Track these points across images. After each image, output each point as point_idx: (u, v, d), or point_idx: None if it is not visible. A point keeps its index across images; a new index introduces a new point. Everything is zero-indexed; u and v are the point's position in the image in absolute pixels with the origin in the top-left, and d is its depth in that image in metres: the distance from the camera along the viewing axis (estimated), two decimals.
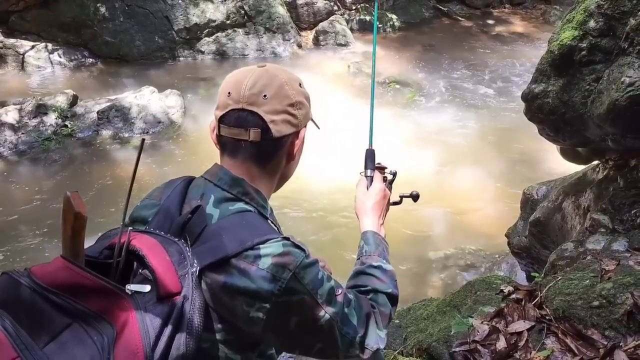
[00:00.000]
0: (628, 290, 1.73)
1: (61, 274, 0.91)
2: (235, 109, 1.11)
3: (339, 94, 7.30)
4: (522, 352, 1.80)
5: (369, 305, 1.20)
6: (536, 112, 2.47)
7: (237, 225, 1.05)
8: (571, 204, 2.76)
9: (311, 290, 1.04)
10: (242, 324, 1.02)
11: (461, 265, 4.22)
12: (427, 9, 10.82)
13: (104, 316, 0.89)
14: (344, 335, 1.10)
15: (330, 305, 1.08)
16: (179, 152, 6.07)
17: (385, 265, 1.34)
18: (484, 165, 5.56)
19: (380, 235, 1.42)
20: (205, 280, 1.01)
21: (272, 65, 1.22)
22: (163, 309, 0.90)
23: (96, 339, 0.86)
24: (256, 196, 1.14)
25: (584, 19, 2.18)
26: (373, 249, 1.37)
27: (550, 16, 10.54)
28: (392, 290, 1.28)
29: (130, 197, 1.04)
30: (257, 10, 9.03)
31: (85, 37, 8.43)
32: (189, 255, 0.99)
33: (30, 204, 5.10)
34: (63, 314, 0.89)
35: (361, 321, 1.15)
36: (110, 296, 0.90)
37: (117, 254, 0.97)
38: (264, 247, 1.02)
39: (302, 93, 1.19)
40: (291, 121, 1.15)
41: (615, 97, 1.98)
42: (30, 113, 6.19)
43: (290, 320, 1.04)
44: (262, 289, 0.99)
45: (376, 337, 1.17)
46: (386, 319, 1.22)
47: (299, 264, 1.03)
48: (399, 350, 2.23)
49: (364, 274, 1.31)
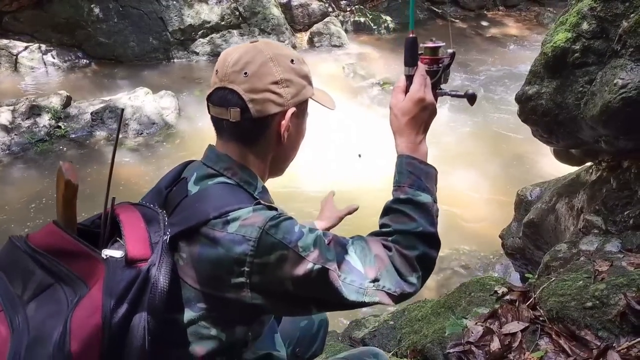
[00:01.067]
0: (621, 291, 1.73)
1: (50, 238, 0.99)
2: (219, 87, 1.09)
3: (334, 95, 7.27)
4: (516, 353, 1.80)
5: (381, 247, 1.05)
6: (530, 113, 2.48)
7: (211, 194, 1.04)
8: (565, 205, 2.77)
9: (289, 243, 0.97)
10: (227, 292, 0.99)
11: (455, 266, 4.22)
12: (422, 10, 10.83)
13: (82, 278, 0.94)
14: (348, 284, 0.99)
15: (321, 254, 0.99)
16: (174, 153, 6.05)
17: (418, 196, 1.10)
18: (478, 167, 5.58)
19: (417, 158, 1.14)
20: (180, 255, 1.01)
21: (264, 40, 1.16)
22: (130, 273, 0.93)
23: (70, 298, 0.92)
24: (240, 171, 1.10)
25: (577, 21, 2.19)
26: (404, 178, 1.13)
27: (544, 18, 10.59)
28: (422, 228, 1.06)
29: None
30: (251, 12, 9.02)
31: (79, 38, 8.39)
32: (165, 224, 1.01)
33: (23, 205, 5.07)
34: (48, 275, 0.95)
35: (369, 265, 1.01)
36: (88, 259, 0.96)
37: (103, 223, 1.03)
38: (233, 213, 0.99)
39: (292, 70, 1.11)
40: (275, 100, 1.08)
41: (608, 99, 1.99)
42: (23, 114, 6.16)
43: (276, 280, 0.98)
44: (234, 252, 0.96)
45: (396, 281, 1.02)
46: (411, 263, 1.04)
47: (268, 220, 0.98)
48: (393, 351, 2.24)
49: (389, 212, 1.12)
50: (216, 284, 0.99)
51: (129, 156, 5.92)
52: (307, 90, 1.16)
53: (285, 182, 3.47)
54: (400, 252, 1.04)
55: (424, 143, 1.18)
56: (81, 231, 1.03)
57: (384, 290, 1.01)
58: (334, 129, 5.66)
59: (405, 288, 1.03)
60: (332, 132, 5.61)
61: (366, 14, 10.42)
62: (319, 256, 0.99)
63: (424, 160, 1.16)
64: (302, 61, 1.16)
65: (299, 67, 1.14)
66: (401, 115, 1.17)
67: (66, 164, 0.97)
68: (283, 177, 1.24)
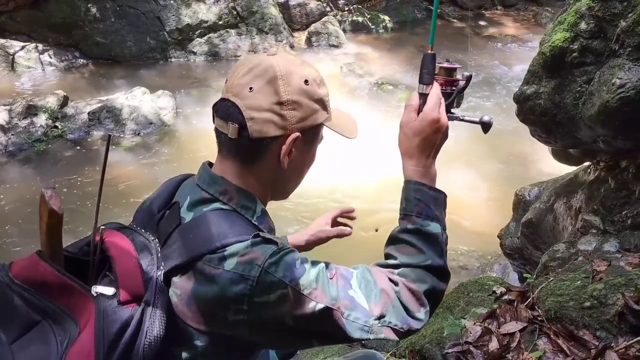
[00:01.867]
0: (619, 291, 1.73)
1: (33, 270, 0.92)
2: (224, 98, 1.01)
3: (332, 95, 7.28)
4: (515, 353, 1.80)
5: (387, 280, 0.99)
6: (528, 113, 2.48)
7: (206, 225, 0.96)
8: (563, 205, 2.77)
9: (290, 282, 0.91)
10: (225, 329, 0.94)
11: (454, 266, 4.22)
12: (420, 10, 10.85)
13: (71, 315, 0.88)
14: (352, 321, 0.94)
15: (323, 292, 0.93)
16: (171, 154, 6.03)
17: (427, 227, 1.04)
18: (476, 167, 5.58)
19: (426, 184, 1.08)
20: (174, 291, 0.95)
21: (284, 54, 1.05)
22: (123, 314, 0.87)
23: (60, 339, 0.86)
24: (237, 195, 1.02)
25: (575, 20, 2.19)
26: (412, 207, 1.06)
27: (542, 18, 10.60)
28: (431, 261, 1.01)
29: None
30: (249, 11, 9.01)
31: (76, 38, 8.37)
32: (158, 256, 0.95)
33: (20, 205, 5.05)
34: (34, 311, 0.89)
35: (374, 301, 0.96)
36: (77, 295, 0.89)
37: (92, 253, 0.96)
38: (229, 248, 0.92)
39: (303, 92, 1.01)
40: (276, 122, 0.99)
41: (606, 98, 1.99)
42: (20, 114, 6.13)
43: (277, 318, 0.92)
44: (231, 291, 0.90)
45: (403, 317, 0.97)
46: (419, 298, 0.99)
47: (268, 256, 0.91)
48: (391, 352, 2.23)
49: (395, 242, 1.05)
50: (213, 321, 0.93)
51: (126, 156, 5.91)
52: (318, 115, 1.05)
53: None
54: (408, 286, 0.99)
55: (433, 167, 1.11)
56: (68, 259, 0.96)
57: (390, 326, 0.96)
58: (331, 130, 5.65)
59: (412, 324, 0.98)
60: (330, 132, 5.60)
61: (364, 14, 10.42)
62: (321, 294, 0.93)
63: (432, 185, 1.10)
64: (319, 82, 1.05)
65: (313, 89, 1.03)
66: (412, 135, 1.09)
67: (49, 190, 0.89)
68: None
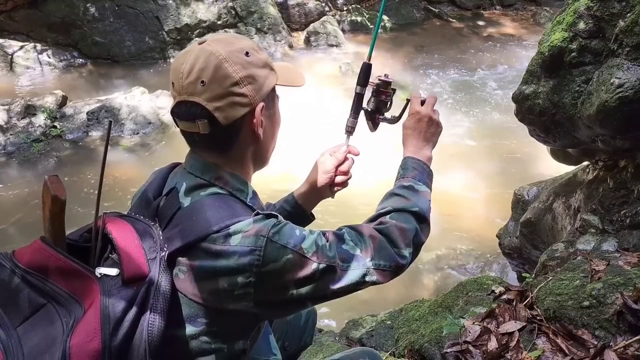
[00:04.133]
0: (618, 290, 1.74)
1: (37, 255, 0.94)
2: (181, 101, 1.04)
3: (331, 94, 7.30)
4: (513, 352, 1.80)
5: (370, 228, 1.11)
6: (527, 113, 2.48)
7: (207, 208, 1.01)
8: (561, 204, 2.78)
9: (293, 247, 0.99)
10: (230, 303, 0.98)
11: (453, 266, 4.23)
12: (418, 10, 10.84)
13: (75, 297, 0.90)
14: (353, 270, 1.04)
15: (323, 253, 1.02)
16: (169, 153, 6.03)
17: (419, 185, 1.22)
18: (475, 166, 5.58)
19: (421, 160, 1.28)
20: (180, 269, 0.98)
21: (213, 37, 1.07)
22: (127, 293, 0.89)
23: (65, 320, 0.88)
24: (231, 180, 1.08)
25: (574, 20, 2.19)
26: (408, 172, 1.25)
27: (541, 18, 10.60)
28: (418, 209, 1.16)
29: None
30: (248, 11, 9.01)
31: (74, 38, 8.35)
32: (160, 239, 0.98)
33: (19, 205, 5.05)
34: (39, 295, 0.91)
35: (364, 248, 1.06)
36: (81, 278, 0.91)
37: (93, 238, 0.98)
38: (233, 226, 0.98)
39: (250, 64, 1.04)
40: (240, 102, 1.03)
41: (605, 98, 1.99)
42: (18, 114, 6.13)
43: (281, 285, 0.99)
44: (239, 264, 0.95)
45: (389, 255, 1.07)
46: (406, 235, 1.11)
47: (270, 227, 0.99)
48: (390, 351, 2.23)
49: (390, 197, 1.21)
50: (218, 296, 0.98)
51: (125, 156, 5.91)
52: (270, 78, 1.10)
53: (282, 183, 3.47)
54: (397, 225, 1.11)
55: (428, 150, 1.33)
56: (70, 246, 0.99)
57: (379, 268, 1.06)
58: (330, 129, 5.65)
59: (399, 260, 1.08)
60: (329, 132, 5.59)
61: (363, 14, 10.41)
62: (322, 255, 1.01)
63: (427, 164, 1.30)
64: (257, 49, 1.08)
65: (256, 57, 1.07)
66: (412, 129, 1.34)
67: (52, 177, 0.92)
68: (279, 177, 1.25)
